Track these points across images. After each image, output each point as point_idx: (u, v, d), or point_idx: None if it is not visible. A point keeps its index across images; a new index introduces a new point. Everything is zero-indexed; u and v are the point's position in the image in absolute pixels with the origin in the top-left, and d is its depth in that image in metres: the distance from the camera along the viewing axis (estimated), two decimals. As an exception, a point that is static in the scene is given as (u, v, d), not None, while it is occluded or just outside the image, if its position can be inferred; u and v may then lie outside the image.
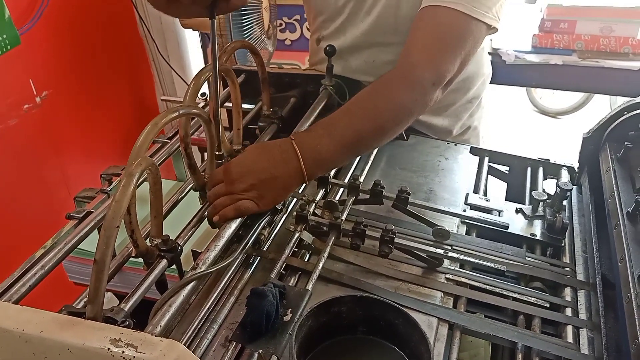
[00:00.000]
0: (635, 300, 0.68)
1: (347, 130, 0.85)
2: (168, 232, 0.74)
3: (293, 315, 0.69)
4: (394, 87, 0.90)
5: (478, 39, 0.95)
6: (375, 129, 0.88)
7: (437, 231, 0.85)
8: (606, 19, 1.82)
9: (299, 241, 0.84)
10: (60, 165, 1.75)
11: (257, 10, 1.74)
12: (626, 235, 0.78)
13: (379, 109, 0.88)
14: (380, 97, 0.90)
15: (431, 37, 0.93)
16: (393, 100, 0.89)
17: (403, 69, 0.92)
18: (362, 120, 0.87)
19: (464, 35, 0.92)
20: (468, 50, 0.93)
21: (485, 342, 0.88)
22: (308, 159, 0.82)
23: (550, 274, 0.84)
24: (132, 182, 0.60)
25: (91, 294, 0.58)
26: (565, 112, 4.07)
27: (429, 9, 0.93)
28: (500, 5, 0.94)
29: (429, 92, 0.90)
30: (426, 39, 0.93)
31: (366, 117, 0.87)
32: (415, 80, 0.90)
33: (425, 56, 0.91)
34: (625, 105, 0.98)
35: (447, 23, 0.92)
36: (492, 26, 0.94)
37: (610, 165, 0.93)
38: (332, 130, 0.85)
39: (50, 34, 1.67)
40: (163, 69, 2.17)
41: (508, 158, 1.13)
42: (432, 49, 0.92)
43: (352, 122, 0.87)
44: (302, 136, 0.86)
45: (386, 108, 0.88)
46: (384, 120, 0.88)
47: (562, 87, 2.15)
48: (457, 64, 0.92)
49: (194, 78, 0.83)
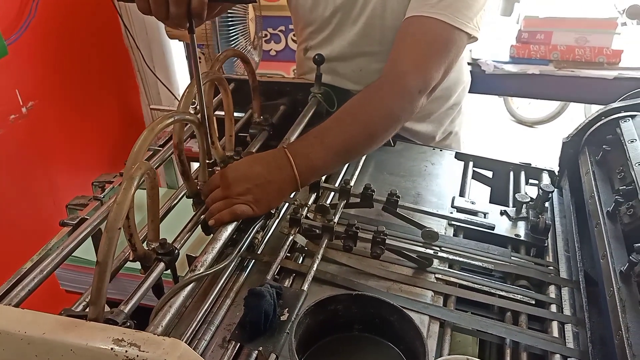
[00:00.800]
0: (617, 294, 0.72)
1: (338, 138, 0.89)
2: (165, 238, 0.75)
3: (290, 314, 0.71)
4: (383, 95, 0.93)
5: (460, 47, 0.99)
6: (365, 136, 0.91)
7: (426, 233, 0.88)
8: (581, 30, 1.89)
9: (292, 244, 0.86)
10: (46, 176, 1.74)
11: (243, 21, 1.77)
12: (607, 233, 0.82)
13: (368, 116, 0.91)
14: (370, 105, 0.93)
15: (417, 46, 0.97)
16: (382, 108, 0.92)
17: (391, 77, 0.96)
18: (352, 128, 0.90)
19: (448, 44, 0.96)
20: (452, 59, 0.98)
21: (473, 342, 0.91)
22: (301, 165, 0.85)
23: (535, 272, 0.87)
24: (133, 185, 0.62)
25: (93, 295, 0.59)
26: (542, 121, 4.17)
27: (414, 19, 0.97)
28: (480, 16, 0.99)
29: (416, 99, 0.94)
30: (412, 48, 0.97)
31: (356, 125, 0.90)
32: (403, 88, 0.93)
33: (412, 65, 0.95)
34: (602, 110, 1.03)
35: (432, 33, 0.96)
36: (472, 35, 0.98)
37: (590, 168, 0.97)
38: (323, 138, 0.88)
39: (37, 45, 1.67)
40: (149, 79, 2.18)
41: (491, 163, 1.17)
42: (418, 57, 0.96)
43: (342, 129, 0.90)
44: (294, 145, 0.89)
45: (376, 115, 0.92)
46: (374, 127, 0.91)
47: (539, 96, 2.21)
48: (442, 72, 0.96)
49: (188, 86, 0.85)
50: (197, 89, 0.77)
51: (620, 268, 0.74)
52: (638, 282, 0.72)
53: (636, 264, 0.72)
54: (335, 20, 1.13)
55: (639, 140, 0.90)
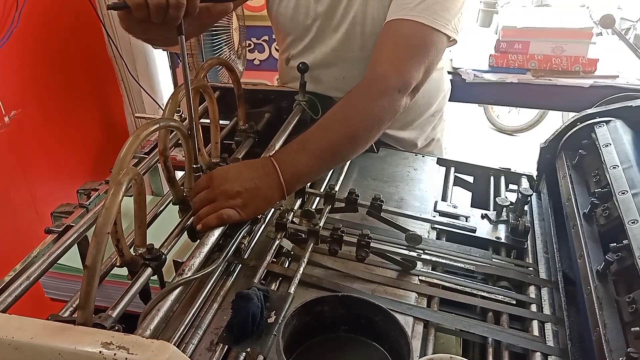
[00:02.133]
0: (594, 293, 0.74)
1: (321, 143, 0.90)
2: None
3: (277, 317, 0.72)
4: (363, 98, 0.95)
5: (440, 49, 1.01)
6: (347, 139, 0.92)
7: (410, 236, 0.90)
8: (557, 40, 1.94)
9: (279, 248, 0.87)
10: (28, 185, 1.73)
11: (227, 31, 1.78)
12: (584, 234, 0.84)
13: (350, 119, 0.93)
14: (351, 108, 0.94)
15: (396, 48, 0.99)
16: (363, 110, 0.94)
17: (370, 79, 0.98)
18: (334, 133, 0.92)
19: (427, 45, 0.98)
20: (431, 59, 1.00)
21: (457, 343, 0.92)
22: (286, 173, 0.86)
23: (515, 273, 0.90)
24: (121, 190, 0.63)
25: (82, 299, 0.59)
26: (521, 129, 4.25)
27: (393, 23, 1.00)
28: (458, 19, 1.02)
29: (396, 99, 0.95)
30: (391, 50, 0.99)
31: (338, 129, 0.92)
32: (382, 89, 0.95)
33: (390, 66, 0.97)
34: (578, 116, 1.06)
35: (410, 34, 0.98)
36: (451, 38, 1.01)
37: (567, 172, 1.00)
38: (306, 145, 0.90)
39: (19, 54, 1.66)
40: (132, 88, 2.17)
41: (472, 168, 1.20)
42: (396, 58, 0.98)
43: (325, 135, 0.91)
44: (279, 153, 0.91)
45: (357, 118, 0.93)
46: (356, 130, 0.93)
47: (518, 104, 2.25)
48: (421, 72, 0.98)
49: (172, 94, 0.86)
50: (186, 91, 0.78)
51: (597, 267, 0.77)
52: (614, 281, 0.74)
53: (612, 263, 0.74)
54: (315, 28, 1.15)
55: (613, 144, 0.93)
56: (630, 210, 0.77)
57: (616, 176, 0.85)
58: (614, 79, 1.88)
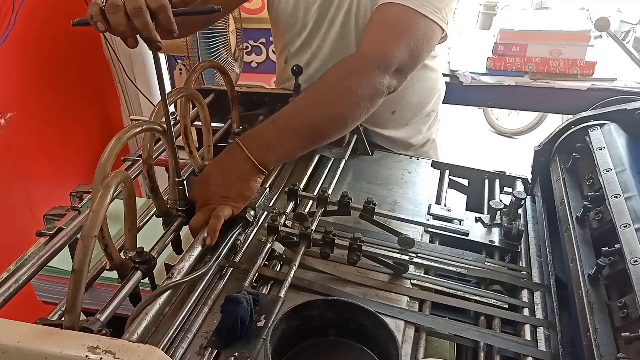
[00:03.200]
0: (585, 297, 0.74)
1: (291, 116, 0.90)
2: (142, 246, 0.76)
3: (266, 321, 0.71)
4: (337, 74, 0.94)
5: (429, 36, 1.00)
6: (321, 112, 0.91)
7: (403, 239, 0.89)
8: (555, 43, 1.94)
9: (270, 252, 0.87)
10: (24, 187, 1.73)
11: (224, 33, 1.78)
12: (576, 238, 0.84)
13: (323, 94, 0.92)
14: (324, 84, 0.94)
15: (379, 28, 0.99)
16: (337, 85, 0.93)
17: (349, 57, 0.97)
18: (305, 106, 0.92)
19: (412, 27, 0.97)
20: (418, 42, 0.98)
21: (450, 347, 0.92)
22: (251, 145, 0.86)
23: (508, 277, 0.89)
24: (109, 194, 0.62)
25: (69, 303, 0.59)
26: (521, 132, 4.25)
27: (381, 6, 1.01)
28: (449, 9, 1.02)
29: (374, 74, 0.93)
30: (374, 31, 1.00)
31: (310, 103, 0.92)
32: (360, 65, 0.94)
33: (371, 45, 0.97)
34: (572, 119, 1.06)
35: (395, 16, 0.98)
36: (442, 28, 1.01)
37: (560, 175, 0.99)
38: (275, 118, 0.90)
39: (16, 56, 1.66)
40: (130, 91, 2.18)
41: (467, 171, 1.19)
42: (377, 37, 0.98)
43: (295, 108, 0.92)
44: (246, 132, 0.91)
45: (330, 92, 0.92)
46: (330, 104, 0.91)
47: (515, 106, 2.25)
48: (404, 52, 0.96)
49: (160, 100, 0.85)
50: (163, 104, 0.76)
51: (589, 271, 0.76)
52: (606, 285, 0.74)
53: (603, 267, 0.74)
54: (312, 23, 1.16)
55: (606, 148, 0.93)
56: (623, 214, 0.77)
57: (609, 180, 0.84)
58: (612, 82, 1.87)
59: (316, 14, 1.15)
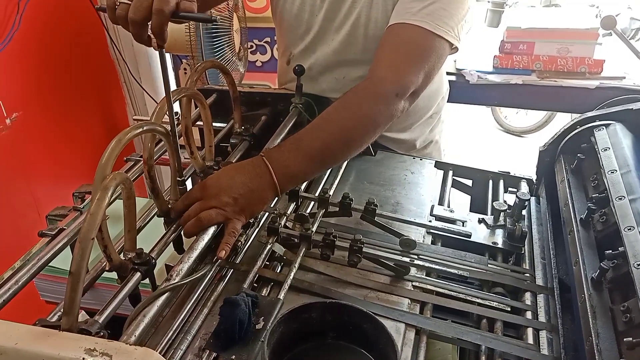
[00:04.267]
0: (588, 301, 0.73)
1: (314, 143, 0.90)
2: (143, 247, 0.75)
3: (265, 323, 0.71)
4: (359, 100, 0.95)
5: (442, 55, 1.00)
6: (341, 141, 0.92)
7: (404, 241, 0.89)
8: (563, 41, 1.91)
9: (270, 253, 0.86)
10: (29, 188, 1.74)
11: (228, 33, 1.78)
12: (579, 241, 0.83)
13: (344, 120, 0.93)
14: (345, 109, 0.94)
15: (396, 52, 0.99)
16: (358, 112, 0.93)
17: (368, 82, 0.98)
18: (327, 133, 0.91)
19: (428, 50, 0.98)
20: (432, 65, 0.99)
21: (453, 349, 0.91)
22: (278, 173, 0.86)
23: (510, 279, 0.88)
24: (107, 196, 0.62)
25: (66, 306, 0.59)
26: (530, 130, 4.21)
27: (396, 27, 1.00)
28: (461, 26, 1.01)
29: (393, 102, 0.95)
30: (391, 54, 0.99)
31: (332, 129, 0.92)
32: (379, 92, 0.95)
33: (389, 70, 0.97)
34: (577, 119, 1.04)
35: (411, 39, 0.98)
36: (453, 45, 1.00)
37: (565, 176, 0.98)
38: (299, 144, 0.89)
39: (21, 56, 1.67)
40: (135, 91, 2.18)
41: (471, 171, 1.18)
42: (396, 63, 0.98)
43: (318, 135, 0.91)
44: (271, 152, 0.90)
45: (351, 119, 0.93)
46: (349, 131, 0.92)
47: (522, 105, 2.22)
48: (420, 77, 0.97)
49: (162, 99, 0.85)
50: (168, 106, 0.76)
51: (592, 275, 0.75)
52: (609, 289, 0.73)
53: (607, 271, 0.73)
54: (317, 27, 1.15)
55: (612, 148, 0.92)
56: (627, 216, 0.75)
57: (614, 181, 0.83)
58: (621, 81, 1.85)
59: (322, 19, 1.13)
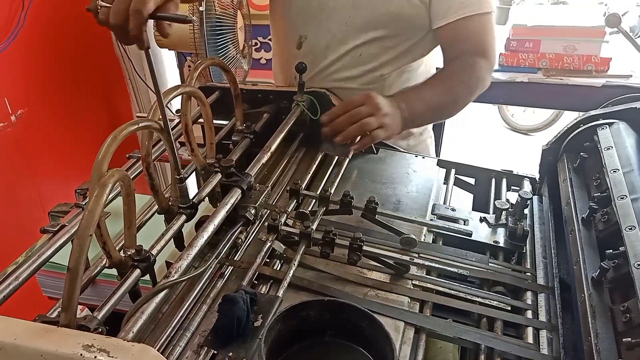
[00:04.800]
0: (588, 300, 0.72)
1: (434, 94, 1.16)
2: (143, 244, 0.76)
3: (264, 320, 0.71)
4: (465, 72, 1.17)
5: (494, 24, 1.21)
6: (450, 99, 1.19)
7: (405, 239, 0.89)
8: (569, 38, 1.90)
9: (270, 251, 0.86)
10: (35, 184, 1.75)
11: (232, 30, 1.78)
12: (581, 240, 0.82)
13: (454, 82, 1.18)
14: (453, 77, 1.18)
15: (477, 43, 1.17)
16: (465, 80, 1.17)
17: (467, 64, 1.17)
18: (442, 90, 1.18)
19: (493, 29, 1.19)
20: (495, 37, 1.21)
21: (454, 348, 0.91)
22: (404, 111, 1.11)
23: (511, 278, 0.88)
24: (105, 193, 0.62)
25: (65, 302, 0.60)
26: (537, 129, 4.19)
27: (456, 25, 1.13)
28: None
29: (488, 78, 1.21)
30: (475, 46, 1.17)
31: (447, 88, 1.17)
32: (479, 69, 1.17)
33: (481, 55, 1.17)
34: (580, 118, 1.04)
35: (480, 26, 1.16)
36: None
37: (567, 175, 0.97)
38: (421, 94, 1.16)
39: (26, 54, 1.68)
40: (140, 88, 2.19)
41: (473, 170, 1.18)
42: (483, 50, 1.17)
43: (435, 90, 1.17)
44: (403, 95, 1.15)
45: (459, 84, 1.17)
46: (457, 94, 1.19)
47: (528, 103, 2.21)
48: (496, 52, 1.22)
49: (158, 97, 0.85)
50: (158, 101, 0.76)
51: (592, 274, 0.75)
52: (609, 289, 0.72)
53: (607, 271, 0.72)
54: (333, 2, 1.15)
55: (615, 147, 0.91)
56: (629, 216, 0.75)
57: (616, 180, 0.82)
58: (627, 79, 1.84)
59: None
